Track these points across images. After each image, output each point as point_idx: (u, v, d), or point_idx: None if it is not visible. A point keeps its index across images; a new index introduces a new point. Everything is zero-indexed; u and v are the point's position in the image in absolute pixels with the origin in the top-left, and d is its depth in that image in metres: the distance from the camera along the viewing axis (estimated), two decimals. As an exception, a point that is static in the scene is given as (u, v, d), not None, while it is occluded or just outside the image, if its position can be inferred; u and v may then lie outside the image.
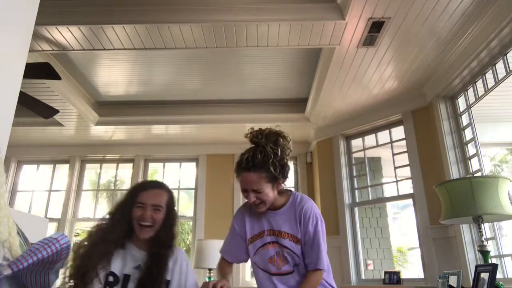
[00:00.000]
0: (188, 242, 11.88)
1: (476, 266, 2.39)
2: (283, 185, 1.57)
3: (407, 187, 4.13)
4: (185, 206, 7.21)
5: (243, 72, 3.84)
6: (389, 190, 4.53)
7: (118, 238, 1.53)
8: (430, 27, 2.80)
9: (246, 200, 1.58)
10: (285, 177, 1.55)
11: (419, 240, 3.56)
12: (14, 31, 0.80)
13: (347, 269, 3.89)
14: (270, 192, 1.50)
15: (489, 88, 2.98)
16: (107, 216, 1.60)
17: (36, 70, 2.88)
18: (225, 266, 1.68)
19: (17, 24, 0.82)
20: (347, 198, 4.16)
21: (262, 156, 1.46)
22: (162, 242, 1.55)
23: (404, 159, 3.88)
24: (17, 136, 4.83)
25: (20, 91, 3.18)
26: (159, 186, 1.66)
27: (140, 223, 1.54)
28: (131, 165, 5.17)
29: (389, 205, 6.63)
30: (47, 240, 0.76)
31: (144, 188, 1.62)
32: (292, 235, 1.53)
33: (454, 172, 3.26)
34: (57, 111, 3.43)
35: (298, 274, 1.53)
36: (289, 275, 1.53)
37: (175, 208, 1.66)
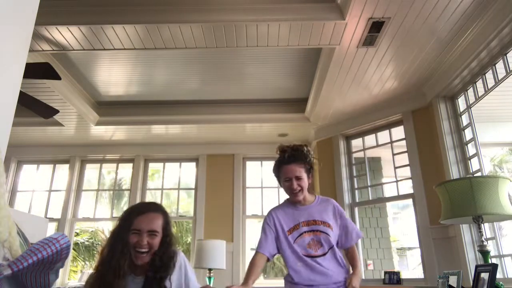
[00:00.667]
0: (188, 242, 11.89)
1: (476, 266, 2.39)
2: None
3: (407, 187, 4.13)
4: (185, 206, 7.21)
5: (243, 72, 3.84)
6: (389, 190, 4.53)
7: (120, 267, 1.54)
8: (430, 27, 2.80)
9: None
10: (313, 174, 1.95)
11: (419, 240, 3.56)
12: (14, 30, 0.80)
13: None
14: (306, 181, 1.89)
15: (489, 88, 2.98)
16: (107, 245, 1.61)
17: (36, 70, 2.88)
18: (259, 260, 1.87)
19: (17, 23, 0.81)
20: (347, 198, 4.16)
21: (300, 153, 1.88)
22: (157, 267, 1.57)
23: (404, 159, 3.88)
24: (17, 136, 4.83)
25: (20, 91, 3.18)
26: (153, 209, 1.65)
27: (136, 250, 1.56)
28: (131, 165, 5.17)
29: (389, 205, 6.64)
30: (47, 240, 0.76)
31: (138, 213, 1.61)
32: (324, 221, 1.89)
33: (454, 172, 3.26)
34: (57, 111, 3.43)
35: (332, 256, 1.86)
36: (323, 257, 1.85)
37: (171, 229, 1.67)
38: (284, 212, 1.96)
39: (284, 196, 2.01)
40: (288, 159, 1.87)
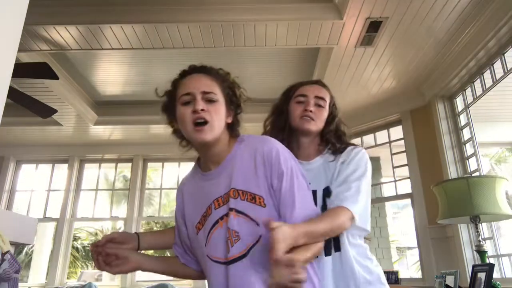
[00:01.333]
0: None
1: (473, 266, 2.40)
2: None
3: (406, 186, 4.14)
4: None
5: (241, 71, 3.80)
6: (387, 190, 4.53)
7: None
8: (428, 26, 2.80)
9: None
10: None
11: (417, 239, 3.56)
12: (1, 29, 0.79)
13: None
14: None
15: (487, 88, 2.98)
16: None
17: (34, 70, 2.88)
18: None
19: (4, 21, 0.81)
20: (345, 198, 4.16)
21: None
22: None
23: (402, 158, 3.88)
24: (16, 136, 4.83)
25: (19, 91, 3.19)
26: None
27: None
28: (129, 164, 5.18)
29: (388, 204, 6.64)
30: None
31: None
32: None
33: (452, 171, 3.26)
34: (55, 111, 3.43)
35: None
36: None
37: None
38: None
39: None
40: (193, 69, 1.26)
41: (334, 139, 1.36)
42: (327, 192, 1.23)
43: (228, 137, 1.17)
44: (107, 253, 1.11)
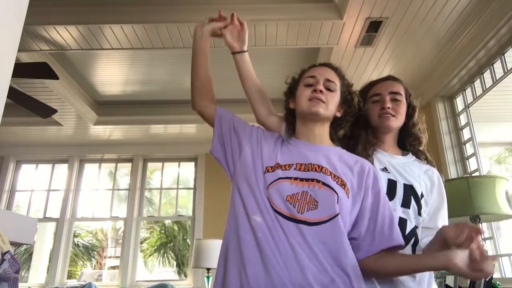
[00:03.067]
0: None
1: (473, 266, 2.39)
2: None
3: (405, 186, 4.14)
4: (184, 206, 7.22)
5: (241, 71, 3.83)
6: (387, 190, 4.52)
7: None
8: (428, 27, 2.80)
9: None
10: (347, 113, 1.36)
11: (417, 239, 3.56)
12: (1, 29, 0.79)
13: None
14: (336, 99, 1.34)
15: (487, 88, 2.99)
16: None
17: (34, 70, 2.88)
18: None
19: (4, 21, 0.81)
20: (345, 198, 4.16)
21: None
22: None
23: (402, 158, 3.88)
24: (16, 136, 4.83)
25: (19, 91, 3.19)
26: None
27: None
28: (129, 164, 5.18)
29: (388, 204, 6.61)
30: None
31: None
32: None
33: (452, 171, 3.26)
34: (55, 111, 3.43)
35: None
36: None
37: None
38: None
39: None
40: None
41: (417, 145, 1.38)
42: (411, 191, 1.23)
43: (329, 132, 1.22)
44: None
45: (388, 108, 1.32)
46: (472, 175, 3.12)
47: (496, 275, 2.50)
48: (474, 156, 3.16)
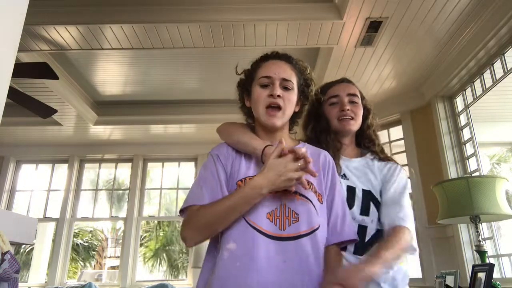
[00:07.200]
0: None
1: (473, 266, 2.40)
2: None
3: (405, 186, 4.14)
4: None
5: (241, 71, 3.83)
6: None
7: None
8: (428, 26, 2.80)
9: None
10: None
11: (417, 239, 3.55)
12: (1, 29, 0.79)
13: (345, 269, 3.89)
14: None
15: (487, 88, 2.98)
16: None
17: (34, 70, 2.89)
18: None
19: (4, 21, 0.81)
20: (345, 198, 4.16)
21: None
22: None
23: (402, 158, 3.88)
24: (16, 136, 4.83)
25: (19, 91, 3.19)
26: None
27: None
28: (129, 164, 5.18)
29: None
30: None
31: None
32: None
33: (452, 171, 3.26)
34: (55, 111, 3.43)
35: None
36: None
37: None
38: None
39: None
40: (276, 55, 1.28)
41: (372, 147, 1.40)
42: (370, 196, 1.25)
43: (288, 127, 1.22)
44: None
45: (348, 110, 1.34)
46: (472, 175, 3.12)
47: (496, 275, 2.50)
48: (474, 156, 3.16)
